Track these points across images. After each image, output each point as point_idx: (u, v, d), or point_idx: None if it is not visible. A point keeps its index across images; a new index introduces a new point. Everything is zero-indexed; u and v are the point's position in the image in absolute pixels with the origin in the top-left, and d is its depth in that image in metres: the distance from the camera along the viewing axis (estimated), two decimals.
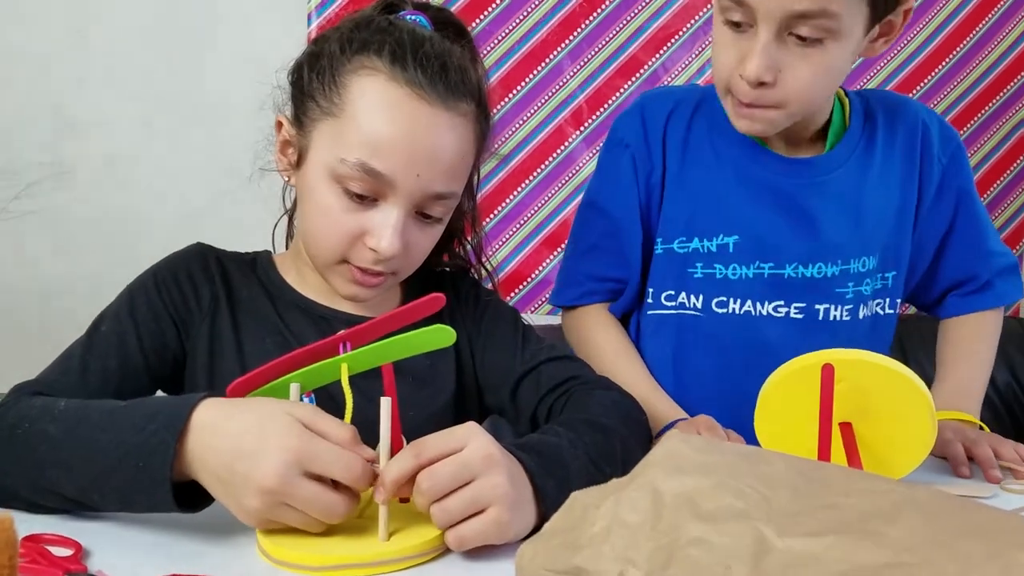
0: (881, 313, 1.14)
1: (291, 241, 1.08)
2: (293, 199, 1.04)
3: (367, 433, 0.71)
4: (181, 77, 1.95)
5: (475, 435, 0.70)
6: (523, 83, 2.05)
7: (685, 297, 1.12)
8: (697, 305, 1.12)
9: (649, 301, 1.16)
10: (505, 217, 2.09)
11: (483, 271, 1.11)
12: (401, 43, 0.88)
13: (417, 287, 1.02)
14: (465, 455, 0.68)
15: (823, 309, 1.10)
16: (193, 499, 0.69)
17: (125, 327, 0.91)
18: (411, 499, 0.70)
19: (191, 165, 1.92)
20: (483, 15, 2.01)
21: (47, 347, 0.92)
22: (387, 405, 0.69)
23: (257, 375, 0.75)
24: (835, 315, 1.10)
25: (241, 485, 0.65)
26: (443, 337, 0.76)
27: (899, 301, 1.15)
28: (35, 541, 0.67)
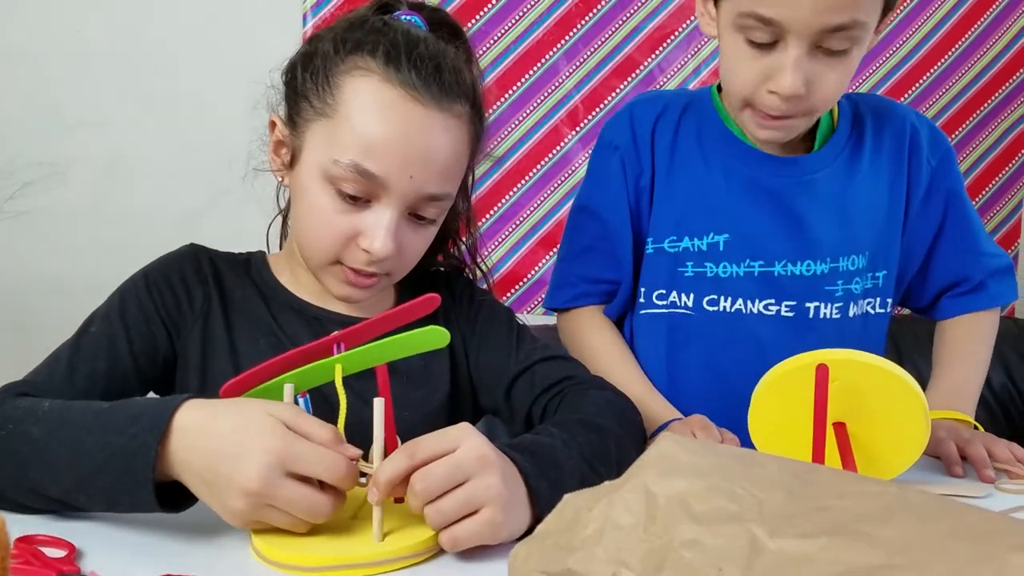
0: (872, 312, 1.14)
1: (285, 241, 1.08)
2: (287, 199, 1.04)
3: (361, 434, 0.71)
4: (177, 77, 1.95)
5: (468, 436, 0.70)
6: (519, 83, 2.05)
7: (676, 296, 1.13)
8: (688, 304, 1.12)
9: (641, 301, 1.16)
10: (501, 217, 2.09)
11: (478, 271, 1.11)
12: (395, 44, 0.88)
13: (411, 287, 1.02)
14: (458, 456, 0.68)
15: (813, 307, 1.10)
16: (177, 499, 0.69)
17: (115, 329, 0.90)
18: (405, 499, 0.70)
19: (187, 165, 1.92)
20: (479, 15, 2.01)
21: (42, 347, 0.92)
22: (380, 406, 0.69)
23: (251, 376, 0.75)
24: (825, 313, 1.11)
25: (224, 486, 0.65)
26: (438, 338, 0.76)
27: (890, 301, 1.16)
28: (28, 542, 0.67)
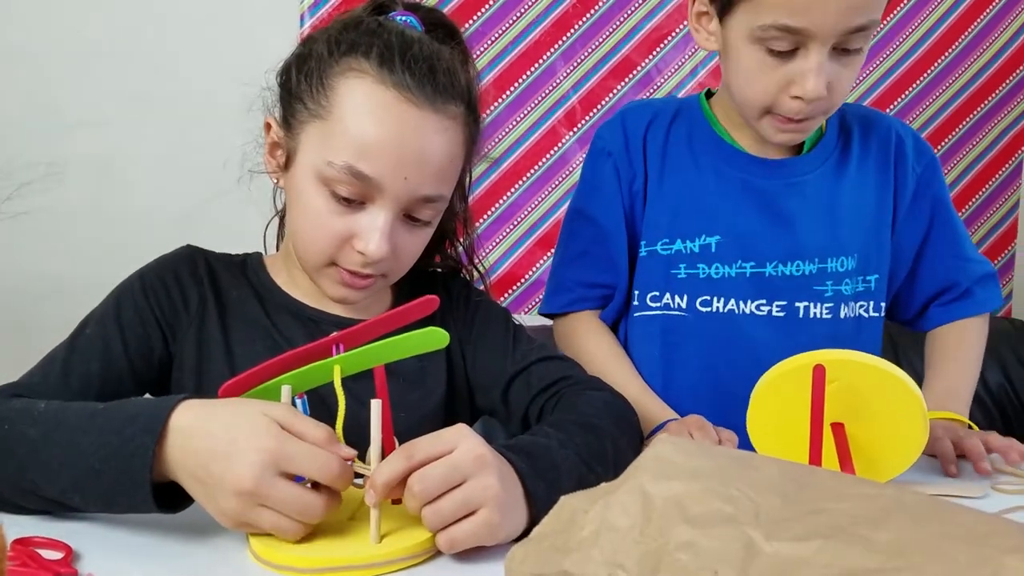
0: (866, 316, 1.15)
1: (282, 243, 1.07)
2: (284, 200, 1.04)
3: (359, 435, 0.71)
4: (174, 77, 1.95)
5: (465, 437, 0.70)
6: (516, 84, 2.05)
7: (670, 298, 1.14)
8: (682, 305, 1.14)
9: (635, 303, 1.17)
10: (499, 218, 2.09)
11: (475, 272, 1.10)
12: (389, 45, 0.87)
13: (408, 288, 1.02)
14: (456, 457, 0.68)
15: (803, 307, 1.12)
16: (174, 500, 0.69)
17: (110, 331, 0.90)
18: (402, 501, 0.70)
19: (184, 166, 1.91)
20: (476, 16, 2.01)
21: (39, 348, 0.92)
22: (377, 407, 0.69)
23: (249, 376, 0.75)
24: (815, 313, 1.12)
25: (217, 486, 0.65)
26: (436, 339, 0.76)
27: (884, 305, 1.17)
28: (25, 544, 0.67)
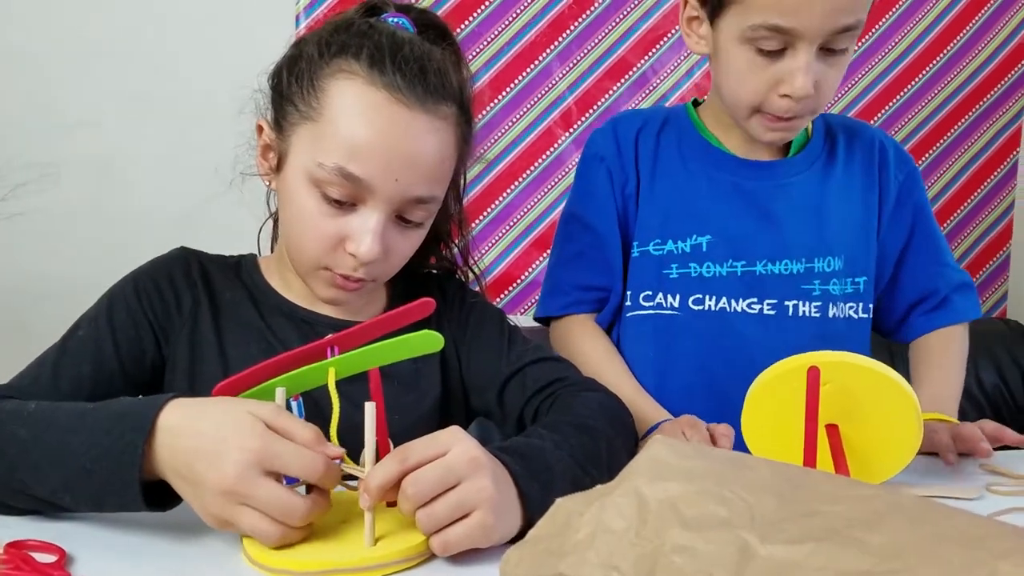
0: (855, 317, 1.17)
1: (276, 245, 1.07)
2: (277, 203, 1.04)
3: (354, 438, 0.71)
4: (170, 78, 1.95)
5: (459, 439, 0.69)
6: (512, 85, 2.05)
7: (663, 297, 1.16)
8: (675, 304, 1.15)
9: (628, 304, 1.19)
10: (495, 219, 2.09)
11: (471, 273, 1.10)
12: (379, 46, 0.87)
13: (402, 289, 1.02)
14: (450, 459, 0.68)
15: (792, 305, 1.14)
16: (163, 498, 0.69)
17: (102, 333, 0.90)
18: (397, 504, 0.69)
19: (179, 167, 1.91)
20: (472, 16, 2.01)
21: (36, 349, 0.92)
22: (371, 410, 0.69)
23: (244, 377, 0.74)
24: (804, 311, 1.14)
25: (202, 485, 0.65)
26: (431, 342, 0.76)
27: (871, 307, 1.19)
28: (18, 547, 0.67)
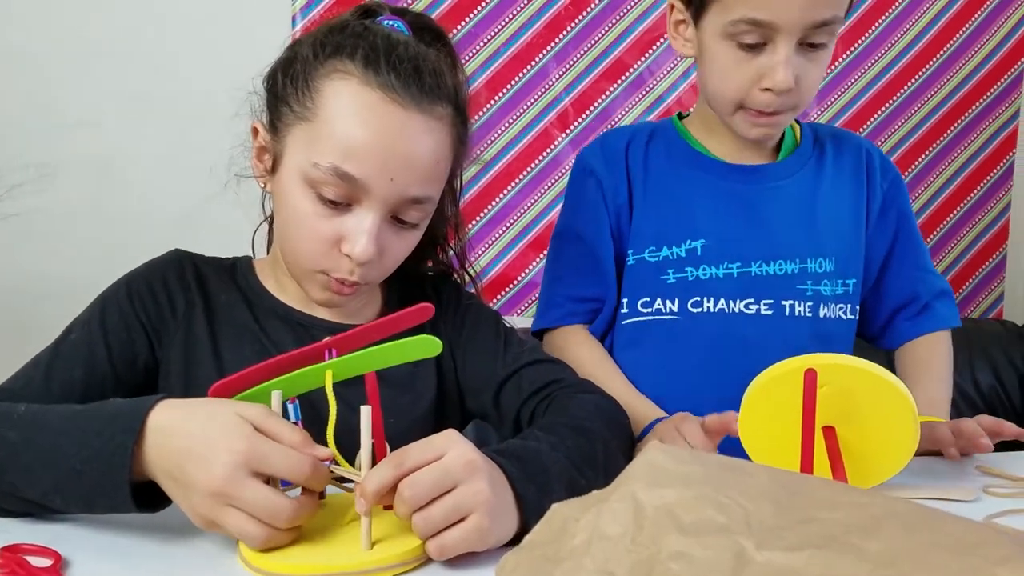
0: (844, 318, 1.19)
1: (271, 247, 1.07)
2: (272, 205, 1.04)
3: (349, 441, 0.71)
4: (167, 79, 1.94)
5: (455, 442, 0.69)
6: (509, 86, 2.05)
7: (661, 303, 1.16)
8: (673, 309, 1.16)
9: (624, 311, 1.19)
10: (491, 220, 2.09)
11: (467, 276, 1.10)
12: (374, 47, 0.87)
13: (398, 291, 1.02)
14: (446, 462, 0.68)
15: (788, 305, 1.15)
16: (154, 500, 0.69)
17: (94, 336, 0.90)
18: (393, 507, 0.69)
19: (178, 167, 1.90)
20: (469, 17, 2.01)
21: (32, 349, 0.92)
22: (367, 413, 0.69)
23: (240, 379, 0.74)
24: (800, 311, 1.15)
25: (190, 485, 0.66)
26: (429, 347, 0.76)
27: (857, 308, 1.21)
28: (13, 551, 0.67)
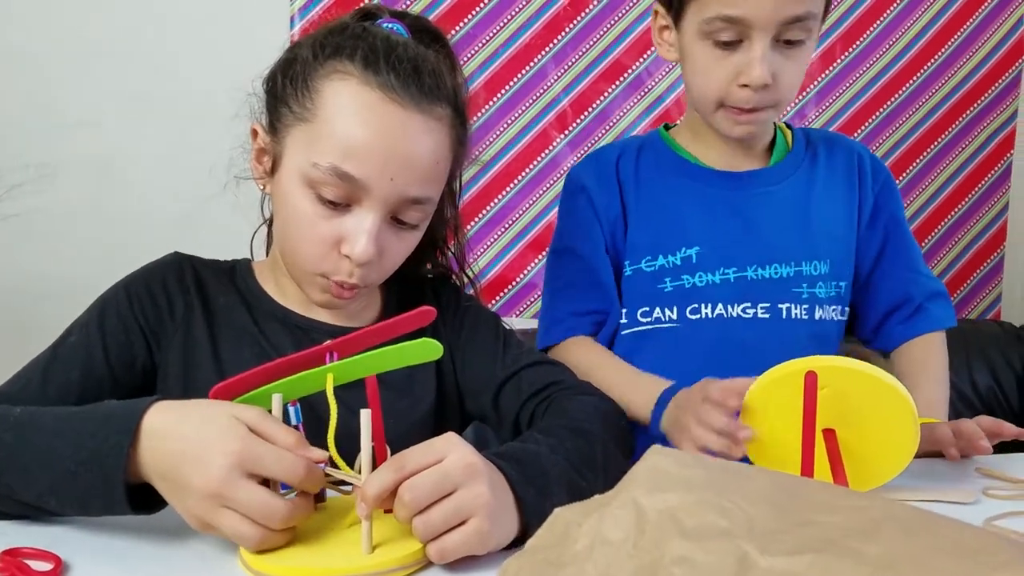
0: (836, 319, 1.20)
1: (271, 249, 1.07)
2: (271, 207, 1.03)
3: (349, 444, 0.70)
4: (166, 80, 1.94)
5: (455, 446, 0.69)
6: (507, 87, 2.05)
7: (660, 312, 1.17)
8: (672, 317, 1.16)
9: (623, 321, 1.20)
10: (490, 221, 2.09)
11: (465, 278, 1.10)
12: (374, 48, 0.87)
13: (397, 294, 1.02)
14: (446, 466, 0.68)
15: (785, 308, 1.16)
16: (149, 501, 0.69)
17: (92, 339, 0.91)
18: (393, 511, 0.69)
19: (177, 168, 1.90)
20: (467, 18, 2.01)
21: (32, 350, 0.92)
22: (367, 417, 0.69)
23: (240, 381, 0.74)
24: (796, 314, 1.16)
25: (185, 487, 0.66)
26: (430, 351, 0.76)
27: (847, 310, 1.21)
28: (13, 555, 0.67)
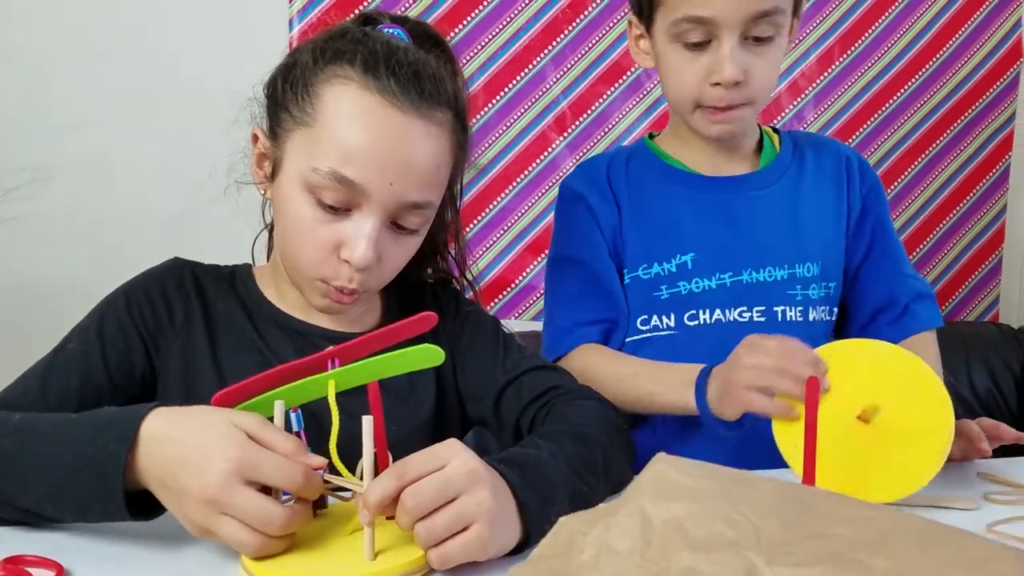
0: (826, 319, 1.20)
1: (271, 254, 1.06)
2: (272, 212, 1.03)
3: (351, 450, 0.70)
4: (164, 81, 1.94)
5: (457, 452, 0.69)
6: (506, 89, 2.05)
7: (658, 319, 1.16)
8: (670, 324, 1.16)
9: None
10: (489, 223, 2.08)
11: (464, 282, 1.10)
12: (374, 52, 0.87)
13: (397, 299, 1.02)
14: (448, 472, 0.67)
15: (780, 311, 1.16)
16: (147, 507, 0.69)
17: (91, 346, 0.90)
18: (395, 517, 0.69)
19: (173, 171, 1.90)
20: (466, 20, 2.01)
21: (28, 353, 0.92)
22: (369, 424, 0.68)
23: (242, 387, 0.74)
24: (791, 316, 1.16)
25: (183, 493, 0.66)
26: (432, 356, 0.75)
27: (835, 310, 1.22)
28: (15, 563, 0.67)
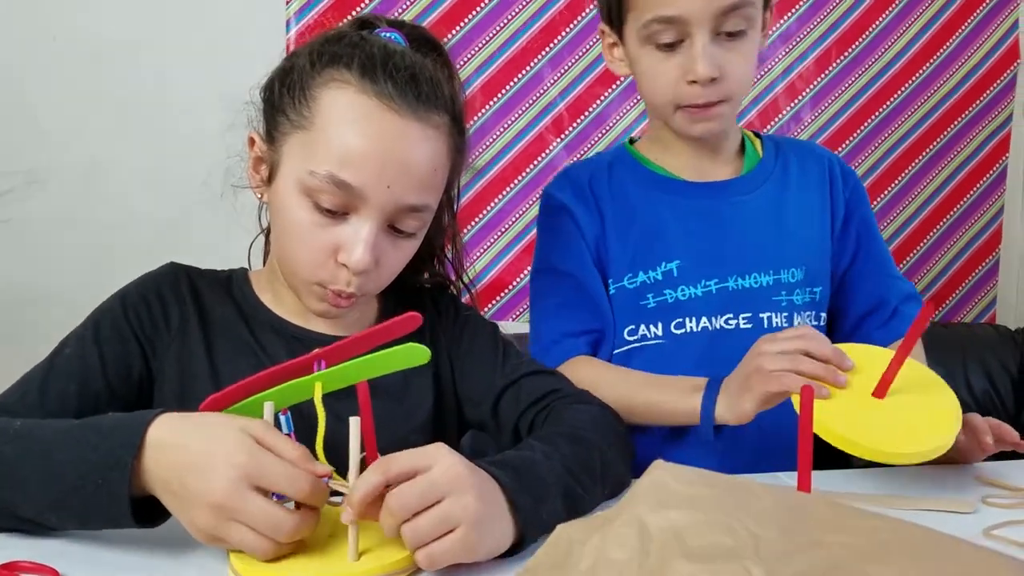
0: (814, 325, 1.19)
1: (268, 259, 1.06)
2: (268, 216, 1.03)
3: (341, 453, 0.70)
4: (157, 86, 1.94)
5: (443, 455, 0.69)
6: (503, 91, 2.05)
7: (645, 328, 1.16)
8: (658, 333, 1.15)
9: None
10: (486, 225, 2.08)
11: (461, 285, 1.09)
12: (371, 56, 0.87)
13: (394, 303, 1.01)
14: (433, 474, 0.67)
15: (766, 317, 1.16)
16: (152, 514, 0.69)
17: (88, 351, 0.90)
18: (380, 519, 0.69)
19: (167, 175, 1.90)
20: (464, 22, 2.01)
21: (18, 356, 0.92)
22: (356, 425, 0.68)
23: (231, 392, 0.74)
24: (777, 322, 1.16)
25: (192, 499, 0.66)
26: (417, 355, 0.75)
27: (824, 315, 1.21)
28: (11, 569, 0.67)
